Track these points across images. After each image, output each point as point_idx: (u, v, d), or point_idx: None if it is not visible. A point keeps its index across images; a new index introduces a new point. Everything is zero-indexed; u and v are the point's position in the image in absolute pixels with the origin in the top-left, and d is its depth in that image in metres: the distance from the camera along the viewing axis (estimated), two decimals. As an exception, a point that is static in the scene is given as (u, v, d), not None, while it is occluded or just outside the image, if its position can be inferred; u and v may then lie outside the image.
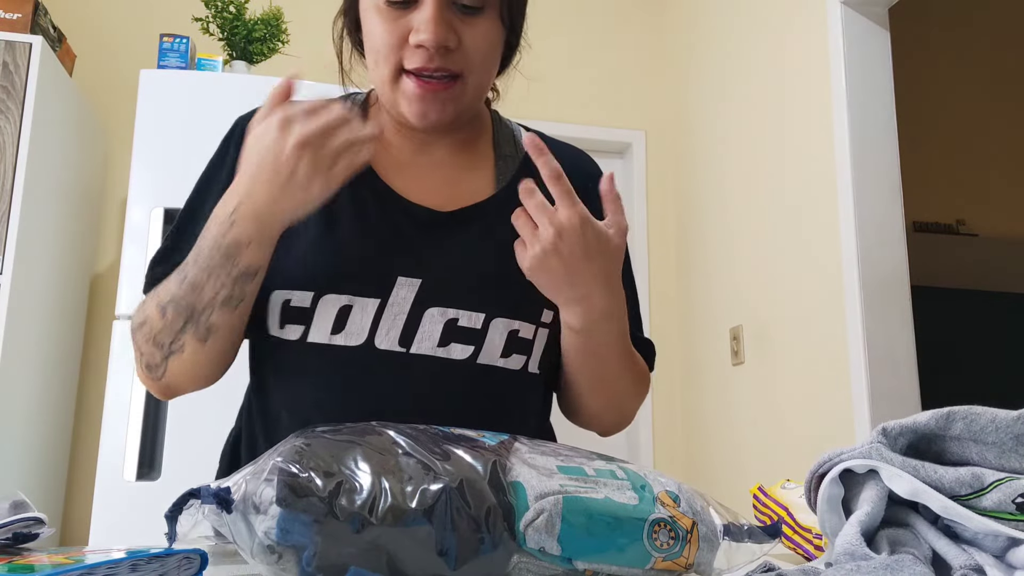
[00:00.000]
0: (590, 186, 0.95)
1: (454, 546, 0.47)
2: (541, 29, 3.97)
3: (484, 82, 0.89)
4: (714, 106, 3.26)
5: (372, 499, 0.46)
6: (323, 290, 0.84)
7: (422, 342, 0.85)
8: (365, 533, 0.46)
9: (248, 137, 0.77)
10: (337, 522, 0.45)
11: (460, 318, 0.86)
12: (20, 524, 0.54)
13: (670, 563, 0.53)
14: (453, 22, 0.83)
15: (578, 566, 0.50)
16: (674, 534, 0.53)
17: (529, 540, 0.49)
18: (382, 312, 0.84)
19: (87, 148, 2.90)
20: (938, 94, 4.09)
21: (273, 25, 2.71)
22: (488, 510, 0.49)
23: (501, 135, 0.99)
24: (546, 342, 0.91)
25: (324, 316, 0.84)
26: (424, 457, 0.50)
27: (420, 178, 0.92)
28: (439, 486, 0.48)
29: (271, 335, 0.88)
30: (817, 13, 2.58)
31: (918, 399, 2.29)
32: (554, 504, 0.50)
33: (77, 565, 0.43)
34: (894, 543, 0.53)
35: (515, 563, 0.49)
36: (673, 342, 3.46)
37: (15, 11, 2.51)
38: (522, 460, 0.54)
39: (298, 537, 0.45)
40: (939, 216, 4.09)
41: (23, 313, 2.44)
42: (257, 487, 0.47)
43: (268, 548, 0.46)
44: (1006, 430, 0.54)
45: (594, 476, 0.54)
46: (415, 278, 0.85)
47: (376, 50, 0.85)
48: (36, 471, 2.58)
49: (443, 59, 0.83)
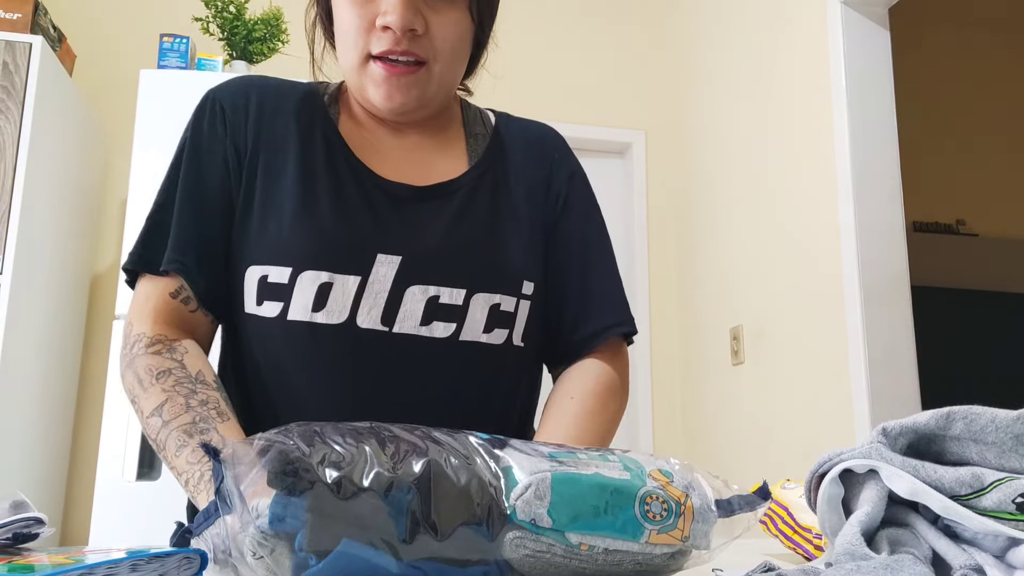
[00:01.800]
0: (557, 156, 1.01)
1: (440, 515, 0.47)
2: (541, 29, 3.97)
3: (450, 73, 0.90)
4: (714, 106, 3.26)
5: (358, 466, 0.47)
6: (301, 266, 0.84)
7: (404, 321, 0.85)
8: (353, 501, 0.46)
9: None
10: (326, 491, 0.45)
11: (441, 295, 0.86)
12: (20, 524, 0.53)
13: (665, 536, 0.53)
14: (421, 8, 0.84)
15: (571, 539, 0.50)
16: (667, 506, 0.53)
17: (519, 512, 0.49)
18: (363, 290, 0.84)
19: (87, 148, 2.90)
20: (938, 94, 4.09)
21: (273, 25, 2.72)
22: (476, 482, 0.49)
23: (470, 116, 1.01)
24: (528, 314, 0.92)
25: (303, 293, 0.84)
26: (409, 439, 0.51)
27: (395, 159, 0.93)
28: (424, 460, 0.48)
29: (247, 313, 0.87)
30: (817, 13, 2.58)
31: (918, 399, 2.29)
32: (543, 479, 0.51)
33: (77, 565, 0.43)
34: (894, 543, 0.53)
35: (510, 539, 0.49)
36: (673, 342, 3.46)
37: (15, 11, 2.51)
38: (513, 448, 0.54)
39: (291, 521, 0.45)
40: (939, 216, 4.10)
41: (23, 313, 2.44)
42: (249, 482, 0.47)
43: (260, 544, 0.46)
44: (1006, 430, 0.54)
45: (585, 459, 0.54)
46: (395, 255, 0.85)
47: (345, 34, 0.86)
48: (36, 471, 2.58)
49: (410, 43, 0.84)
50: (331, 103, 0.95)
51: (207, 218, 0.88)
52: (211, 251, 0.88)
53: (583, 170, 1.04)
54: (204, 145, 0.90)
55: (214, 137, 0.90)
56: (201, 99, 0.93)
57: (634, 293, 3.43)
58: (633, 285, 3.44)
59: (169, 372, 0.81)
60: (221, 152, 0.90)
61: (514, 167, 0.97)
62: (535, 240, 0.95)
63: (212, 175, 0.89)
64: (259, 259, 0.85)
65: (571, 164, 1.03)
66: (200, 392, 0.80)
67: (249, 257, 0.86)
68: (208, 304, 0.89)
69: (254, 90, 0.93)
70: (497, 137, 0.99)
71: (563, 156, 1.02)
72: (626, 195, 3.62)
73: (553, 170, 1.00)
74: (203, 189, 0.89)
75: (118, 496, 2.25)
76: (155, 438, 0.78)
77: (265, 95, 0.93)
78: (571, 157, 1.03)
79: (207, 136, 0.90)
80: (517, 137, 1.00)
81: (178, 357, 0.83)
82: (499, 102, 1.04)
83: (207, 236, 0.88)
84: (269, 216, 0.86)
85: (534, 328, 0.93)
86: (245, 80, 0.95)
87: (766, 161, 2.85)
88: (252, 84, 0.94)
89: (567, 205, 0.99)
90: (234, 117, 0.90)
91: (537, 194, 0.97)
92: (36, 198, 2.51)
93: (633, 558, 0.52)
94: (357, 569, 0.46)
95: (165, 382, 0.80)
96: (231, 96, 0.92)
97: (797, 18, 2.71)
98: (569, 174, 1.01)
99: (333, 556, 0.45)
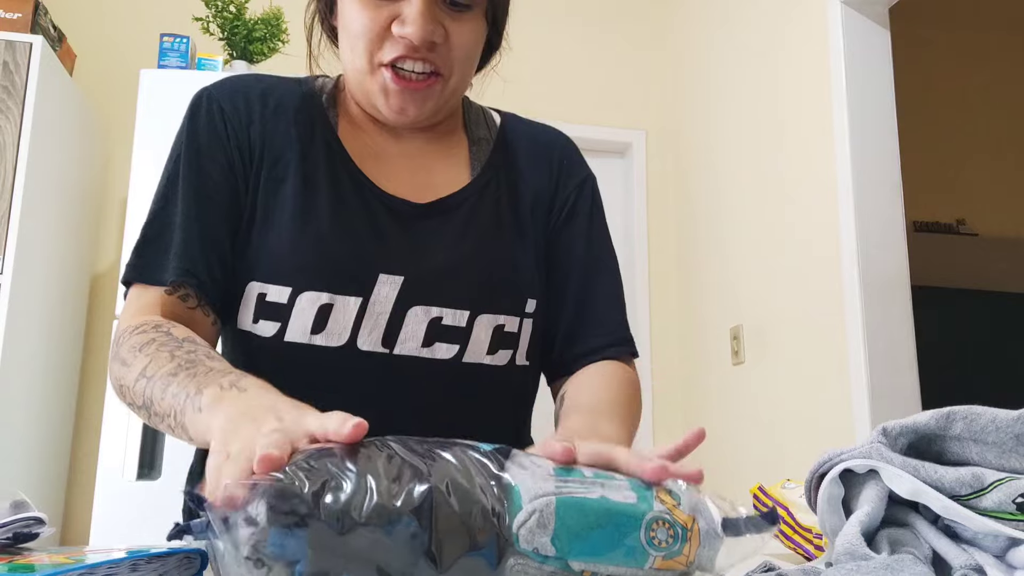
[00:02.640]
0: (565, 163, 0.97)
1: (442, 546, 0.46)
2: (541, 29, 3.96)
3: (463, 81, 0.86)
4: (714, 106, 3.26)
5: (357, 497, 0.46)
6: (301, 286, 0.80)
7: (405, 342, 0.82)
8: (351, 536, 0.45)
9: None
10: (323, 525, 0.44)
11: (444, 316, 0.83)
12: (20, 524, 0.53)
13: (671, 562, 0.52)
14: (440, 17, 0.80)
15: (574, 567, 0.50)
16: (673, 532, 0.52)
17: (522, 541, 0.49)
18: (364, 311, 0.81)
19: (87, 148, 2.90)
20: (938, 94, 4.09)
21: (273, 25, 2.72)
22: (478, 510, 0.48)
23: (472, 117, 0.97)
24: (531, 332, 0.89)
25: (303, 314, 0.80)
26: (411, 459, 0.50)
27: (395, 168, 0.89)
28: (425, 486, 0.47)
29: (240, 328, 0.83)
30: (817, 13, 2.58)
31: (918, 399, 2.29)
32: (547, 504, 0.49)
33: (77, 565, 0.43)
34: (894, 543, 0.52)
35: (511, 566, 0.49)
36: (673, 342, 3.46)
37: (15, 11, 2.51)
38: (518, 464, 0.53)
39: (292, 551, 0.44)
40: (939, 216, 4.09)
41: (23, 313, 2.44)
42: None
43: (257, 562, 0.45)
44: (1006, 430, 0.54)
45: (591, 478, 0.53)
46: (397, 275, 0.82)
47: (354, 37, 0.81)
48: (36, 471, 2.58)
49: (426, 54, 0.80)
50: (329, 105, 0.90)
51: (214, 222, 0.83)
52: (220, 256, 0.83)
53: (594, 177, 0.99)
54: (204, 146, 0.84)
55: (214, 137, 0.85)
56: (193, 100, 0.87)
57: (634, 293, 3.43)
58: (633, 285, 3.44)
59: (152, 340, 0.73)
60: (223, 153, 0.84)
61: (520, 176, 0.93)
62: (539, 254, 0.92)
63: (215, 176, 0.84)
64: (259, 275, 0.82)
65: (581, 172, 0.98)
66: (186, 345, 0.72)
67: (249, 271, 0.83)
68: (215, 306, 0.83)
69: (253, 91, 0.88)
70: (502, 143, 0.95)
71: (572, 163, 0.98)
72: (626, 195, 3.62)
73: (561, 178, 0.96)
74: (207, 192, 0.83)
75: (118, 496, 2.25)
76: (144, 399, 0.70)
77: (263, 97, 0.87)
78: (581, 164, 0.99)
79: (206, 137, 0.85)
80: (524, 142, 0.96)
81: (164, 328, 0.75)
82: (500, 103, 1.03)
83: (215, 239, 0.83)
84: (270, 228, 0.83)
85: (537, 345, 0.91)
86: (240, 80, 0.89)
87: (766, 161, 2.85)
88: (249, 85, 0.89)
89: (573, 213, 0.95)
90: (235, 118, 0.85)
91: (542, 203, 0.93)
92: (36, 198, 2.51)
93: None
94: None
95: (147, 349, 0.72)
96: (229, 96, 0.87)
97: (797, 18, 2.71)
98: (579, 182, 0.96)
99: None
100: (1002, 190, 4.17)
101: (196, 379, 0.66)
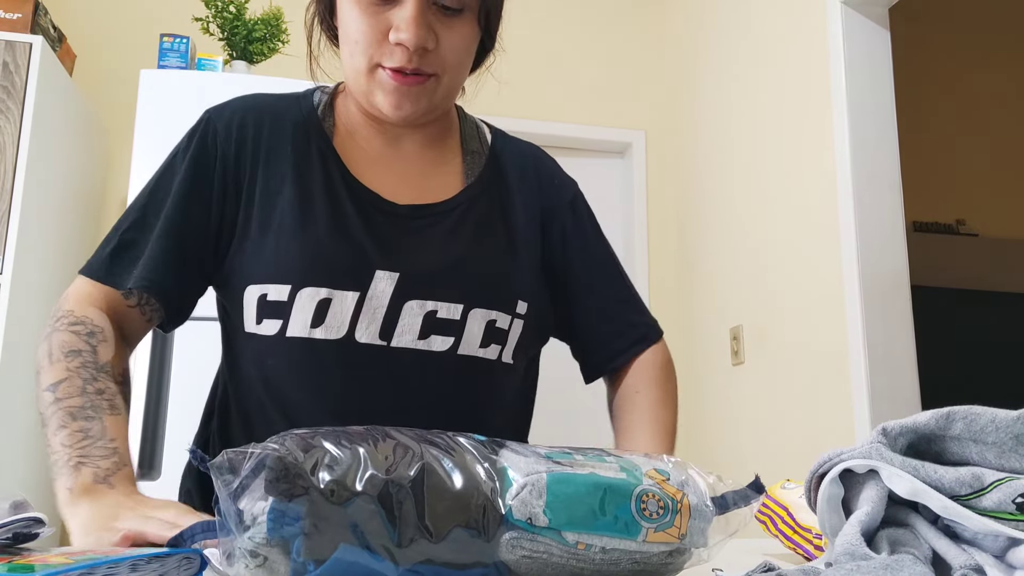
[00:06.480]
0: (556, 181, 1.04)
1: (435, 517, 0.47)
2: (541, 29, 3.96)
3: (457, 82, 0.91)
4: (714, 106, 3.26)
5: (352, 469, 0.46)
6: (301, 283, 0.84)
7: (402, 335, 0.86)
8: (348, 506, 0.46)
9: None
10: (321, 497, 0.45)
11: (439, 310, 0.87)
12: (20, 524, 0.53)
13: (662, 534, 0.52)
14: (432, 22, 0.84)
15: (568, 538, 0.50)
16: (663, 504, 0.53)
17: (516, 511, 0.49)
18: (362, 305, 0.85)
19: (87, 148, 2.90)
20: (938, 94, 4.09)
21: (273, 25, 2.72)
22: (472, 483, 0.49)
23: (467, 131, 1.01)
24: (520, 334, 0.93)
25: (302, 310, 0.84)
26: (405, 440, 0.51)
27: (391, 173, 0.93)
28: (419, 463, 0.48)
29: (248, 332, 0.88)
30: (817, 13, 2.58)
31: (918, 399, 2.29)
32: (539, 478, 0.51)
33: (77, 565, 0.43)
34: (894, 543, 0.53)
35: (506, 540, 0.49)
36: (673, 342, 3.44)
37: (15, 11, 2.51)
38: (511, 449, 0.54)
39: (288, 527, 0.45)
40: (939, 216, 4.09)
41: (23, 313, 2.44)
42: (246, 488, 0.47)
43: (252, 554, 0.45)
44: (1006, 430, 0.54)
45: (582, 460, 0.54)
46: (393, 272, 0.86)
47: (354, 41, 0.86)
48: (36, 471, 2.58)
49: (420, 60, 0.84)
50: (325, 115, 0.95)
51: (188, 242, 0.88)
52: (188, 273, 0.88)
53: (578, 188, 1.06)
54: (192, 165, 0.90)
55: (204, 158, 0.90)
56: (197, 120, 0.94)
57: (634, 293, 3.43)
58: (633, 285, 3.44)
59: (79, 353, 0.81)
60: (208, 175, 0.89)
61: (510, 190, 0.98)
62: (532, 263, 0.96)
63: (198, 199, 0.89)
64: (258, 278, 0.86)
65: (569, 188, 1.05)
66: (101, 381, 0.80)
67: (248, 277, 0.87)
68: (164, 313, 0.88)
69: (251, 114, 0.93)
70: (493, 158, 1.00)
71: (561, 181, 1.05)
72: (626, 195, 3.62)
73: (554, 198, 1.02)
74: (188, 213, 0.88)
75: (118, 496, 2.25)
76: (43, 411, 0.78)
77: (261, 118, 0.93)
78: (567, 180, 1.06)
79: (197, 157, 0.90)
80: (513, 160, 1.01)
81: (93, 342, 0.82)
82: (500, 103, 1.03)
83: (186, 258, 0.88)
84: (267, 236, 0.87)
85: (525, 348, 0.95)
86: (242, 103, 0.95)
87: (766, 161, 2.85)
88: (249, 107, 0.94)
89: (578, 231, 1.02)
90: (227, 142, 0.91)
91: (534, 218, 0.99)
92: (36, 198, 2.51)
93: (631, 557, 0.52)
94: (355, 575, 0.46)
95: (71, 362, 0.80)
96: (227, 121, 0.92)
97: (797, 18, 2.71)
98: (570, 199, 1.03)
99: (331, 562, 0.45)
100: (1002, 190, 4.17)
101: (83, 444, 0.74)
